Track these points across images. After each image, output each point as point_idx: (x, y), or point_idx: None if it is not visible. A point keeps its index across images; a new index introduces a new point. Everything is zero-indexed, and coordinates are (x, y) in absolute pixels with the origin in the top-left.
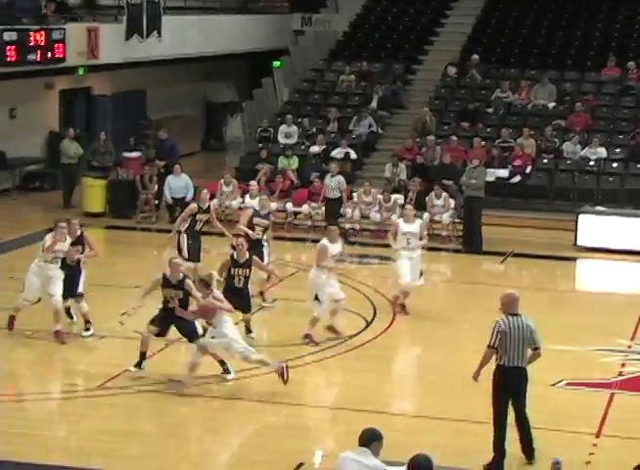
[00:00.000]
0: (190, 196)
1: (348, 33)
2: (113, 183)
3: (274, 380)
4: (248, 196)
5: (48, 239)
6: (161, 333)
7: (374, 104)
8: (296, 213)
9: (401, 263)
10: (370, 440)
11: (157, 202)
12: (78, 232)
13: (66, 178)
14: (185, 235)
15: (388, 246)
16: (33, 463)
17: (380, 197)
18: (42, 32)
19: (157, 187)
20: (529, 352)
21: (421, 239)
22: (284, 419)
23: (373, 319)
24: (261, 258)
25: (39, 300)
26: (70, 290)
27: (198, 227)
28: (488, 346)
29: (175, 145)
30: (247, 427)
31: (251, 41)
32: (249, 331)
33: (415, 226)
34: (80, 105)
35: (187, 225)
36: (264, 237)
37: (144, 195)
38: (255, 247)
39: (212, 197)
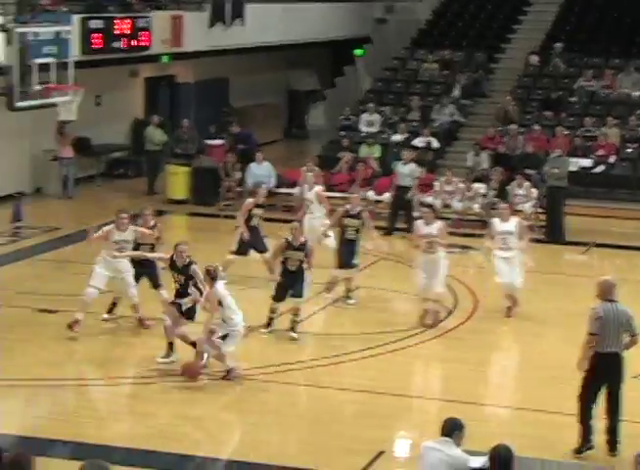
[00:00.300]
0: (272, 184)
1: (431, 21)
2: (196, 170)
3: (355, 367)
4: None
5: (105, 229)
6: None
7: (456, 92)
8: (377, 202)
9: (497, 264)
10: (452, 429)
11: (239, 189)
12: (151, 222)
13: (150, 165)
14: (245, 229)
15: (469, 235)
16: (114, 446)
17: (461, 186)
18: (127, 20)
19: (239, 174)
20: (626, 338)
21: (520, 239)
22: (365, 407)
23: (455, 308)
24: (351, 259)
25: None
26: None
27: (254, 222)
28: (589, 333)
29: (250, 135)
30: (327, 414)
31: (333, 29)
32: (292, 329)
33: (511, 225)
34: (164, 92)
35: (244, 220)
36: (356, 236)
37: (227, 182)
38: (348, 246)
39: (294, 185)
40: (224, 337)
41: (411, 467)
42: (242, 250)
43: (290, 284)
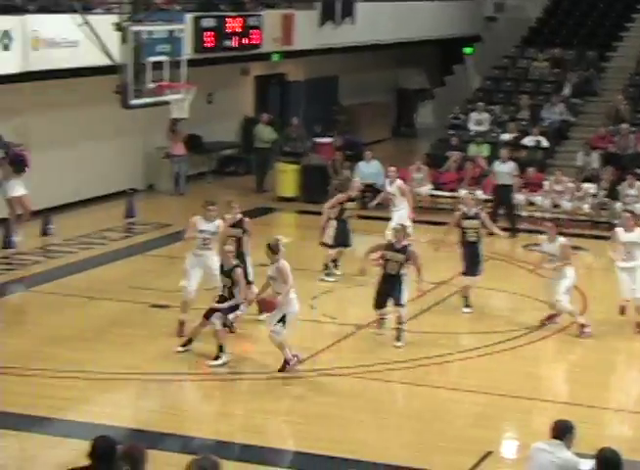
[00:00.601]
0: (380, 182)
1: (541, 20)
2: (305, 168)
3: (463, 367)
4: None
5: (192, 219)
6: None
7: (566, 91)
8: (486, 201)
9: (619, 277)
10: (563, 432)
11: None
12: (238, 216)
13: (259, 163)
14: (334, 222)
15: (578, 235)
16: (225, 441)
17: (571, 186)
18: (239, 19)
19: (348, 172)
20: None
21: None
22: (472, 407)
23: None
24: (475, 264)
25: None
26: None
27: (346, 215)
28: None
29: (358, 143)
30: (434, 414)
31: (443, 27)
32: (398, 337)
33: (635, 235)
34: (274, 91)
35: (336, 213)
36: (477, 238)
37: (335, 180)
38: (470, 248)
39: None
40: (282, 320)
41: (519, 468)
42: (337, 242)
43: (389, 289)
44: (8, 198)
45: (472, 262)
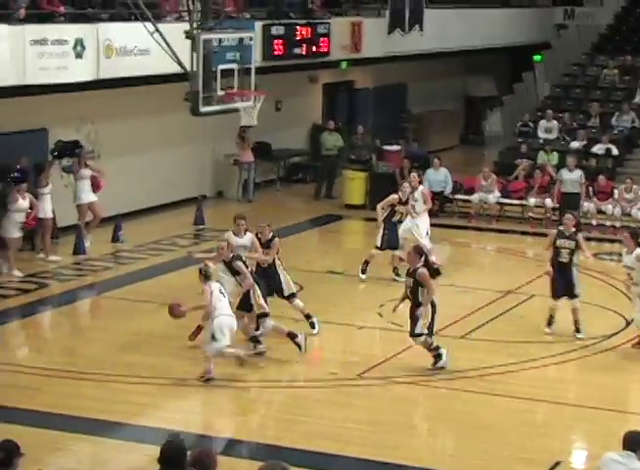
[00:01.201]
0: (449, 190)
1: (612, 27)
2: (372, 176)
3: (530, 375)
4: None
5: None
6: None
7: (637, 99)
8: (554, 210)
9: None
10: (637, 443)
11: None
12: (269, 235)
13: (324, 170)
14: (382, 224)
15: None
16: (291, 448)
17: None
18: (308, 27)
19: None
20: None
21: None
22: (540, 416)
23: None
24: (570, 286)
25: None
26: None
27: (396, 218)
28: None
29: (422, 156)
30: (501, 423)
31: (512, 35)
32: (577, 330)
33: None
34: (343, 98)
35: (385, 215)
36: (570, 259)
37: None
38: (563, 272)
39: (471, 191)
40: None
41: None
42: (385, 245)
43: (563, 280)
44: (78, 204)
45: (563, 284)
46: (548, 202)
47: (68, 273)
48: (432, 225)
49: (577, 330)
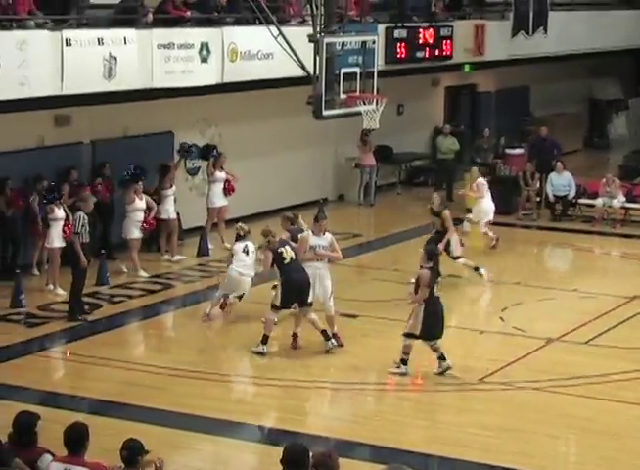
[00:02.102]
0: (572, 194)
1: None
2: (495, 179)
3: None
4: None
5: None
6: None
7: None
8: None
9: None
10: None
11: (538, 199)
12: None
13: (440, 173)
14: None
15: None
16: (412, 451)
17: None
18: (431, 30)
19: (539, 184)
20: None
21: None
22: None
23: None
24: None
25: None
26: None
27: None
28: None
29: (556, 143)
30: (626, 430)
31: (637, 36)
32: None
33: None
34: (465, 101)
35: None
36: None
37: (526, 191)
38: None
39: (595, 195)
40: None
41: None
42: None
43: None
44: (210, 207)
45: None
46: None
47: (193, 274)
48: (555, 230)
49: None
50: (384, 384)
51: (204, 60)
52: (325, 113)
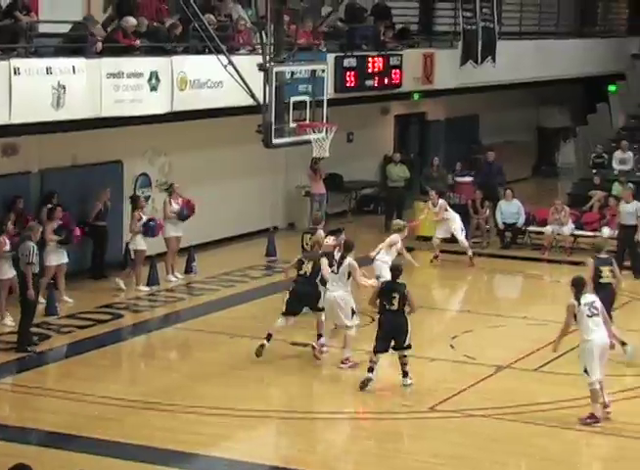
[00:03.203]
0: (522, 222)
1: None
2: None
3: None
4: None
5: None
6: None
7: None
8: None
9: None
10: None
11: (488, 227)
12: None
13: (390, 201)
14: None
15: None
16: None
17: None
18: (380, 59)
19: (488, 212)
20: None
21: None
22: (612, 451)
23: None
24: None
25: None
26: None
27: None
28: None
29: (501, 170)
30: (574, 457)
31: (586, 65)
32: None
33: None
34: (414, 130)
35: None
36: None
37: (475, 219)
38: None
39: (544, 223)
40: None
41: None
42: None
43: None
44: (167, 237)
45: None
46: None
47: (143, 304)
48: (505, 257)
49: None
50: (336, 412)
51: (153, 89)
52: (275, 141)
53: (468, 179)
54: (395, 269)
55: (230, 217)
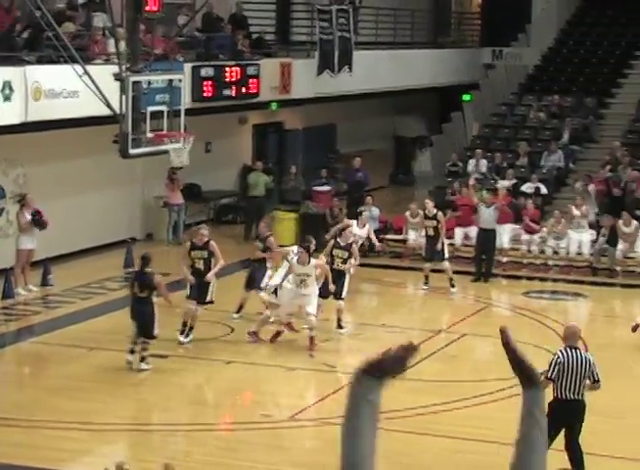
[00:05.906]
0: (376, 227)
1: (540, 67)
2: (303, 216)
3: (461, 416)
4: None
5: None
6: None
7: (565, 138)
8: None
9: None
10: None
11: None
12: (205, 239)
13: (250, 210)
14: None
15: (579, 282)
16: None
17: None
18: (237, 68)
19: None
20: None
21: None
22: (471, 456)
23: None
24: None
25: None
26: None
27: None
28: (546, 378)
29: (368, 175)
30: (434, 464)
31: (440, 75)
32: None
33: None
34: (273, 139)
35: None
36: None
37: (333, 228)
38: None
39: (400, 231)
40: None
41: None
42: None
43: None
44: (19, 249)
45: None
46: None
47: None
48: (364, 266)
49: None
50: (194, 424)
51: (6, 99)
52: (132, 151)
53: (326, 188)
54: (143, 258)
55: (87, 229)
